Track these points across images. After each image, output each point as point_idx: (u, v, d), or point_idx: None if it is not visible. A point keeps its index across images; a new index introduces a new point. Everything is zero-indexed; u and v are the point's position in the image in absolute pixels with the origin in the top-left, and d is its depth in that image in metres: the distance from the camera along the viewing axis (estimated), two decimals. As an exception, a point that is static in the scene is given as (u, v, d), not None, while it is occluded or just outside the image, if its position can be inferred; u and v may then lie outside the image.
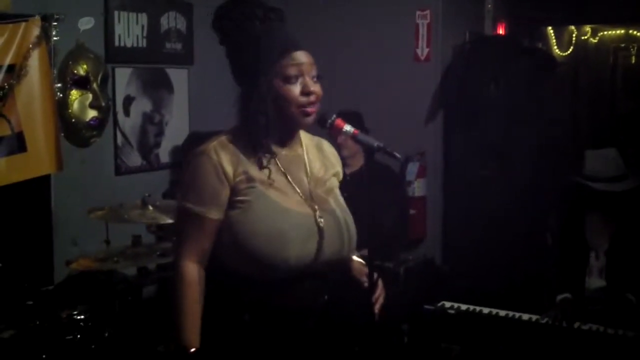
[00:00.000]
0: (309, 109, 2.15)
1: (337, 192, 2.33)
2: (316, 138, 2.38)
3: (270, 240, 2.09)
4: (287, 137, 2.24)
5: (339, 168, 2.40)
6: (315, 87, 2.15)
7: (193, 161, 2.16)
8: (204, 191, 2.12)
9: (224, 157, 2.13)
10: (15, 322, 3.21)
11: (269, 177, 2.16)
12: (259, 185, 2.14)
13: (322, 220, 2.18)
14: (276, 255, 2.09)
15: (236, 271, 2.14)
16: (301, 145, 2.29)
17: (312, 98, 2.14)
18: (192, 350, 2.10)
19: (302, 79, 2.14)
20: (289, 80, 2.12)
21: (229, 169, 2.13)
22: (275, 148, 2.20)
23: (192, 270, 2.14)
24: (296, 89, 2.13)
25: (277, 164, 2.20)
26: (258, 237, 2.09)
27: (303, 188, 2.22)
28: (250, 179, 2.13)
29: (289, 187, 2.20)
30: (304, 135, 2.31)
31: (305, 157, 2.28)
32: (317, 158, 2.32)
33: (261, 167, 2.16)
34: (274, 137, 2.19)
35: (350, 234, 2.26)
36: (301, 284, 2.17)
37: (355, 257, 2.37)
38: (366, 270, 2.32)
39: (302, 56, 2.14)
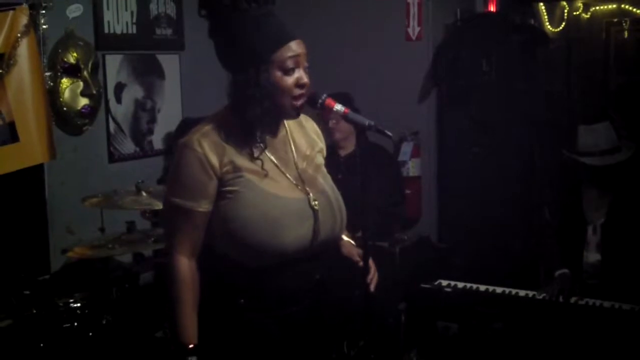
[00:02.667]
0: (299, 102, 2.14)
1: (324, 169, 2.33)
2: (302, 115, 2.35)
3: (263, 228, 2.08)
4: (274, 125, 2.22)
5: (322, 144, 2.39)
6: (307, 79, 2.15)
7: (177, 154, 2.14)
8: (191, 185, 2.10)
9: (208, 149, 2.10)
10: (12, 312, 3.21)
11: (262, 168, 2.14)
12: (247, 174, 2.12)
13: (316, 202, 2.18)
14: (270, 242, 2.09)
15: (230, 259, 2.14)
16: (284, 126, 2.27)
17: (305, 90, 2.14)
18: (191, 346, 2.11)
19: (298, 70, 2.12)
20: (286, 71, 2.10)
21: (215, 160, 2.10)
22: (266, 137, 2.19)
23: (185, 265, 2.13)
24: (291, 80, 2.11)
25: (265, 152, 2.19)
26: (250, 226, 2.08)
27: (292, 171, 2.21)
28: (237, 169, 2.11)
29: (278, 172, 2.18)
30: None
31: (290, 138, 2.27)
32: (301, 136, 2.31)
33: (253, 158, 2.14)
34: (265, 126, 2.17)
35: (342, 213, 2.27)
36: (296, 267, 2.17)
37: (344, 237, 2.37)
38: (357, 250, 2.32)
39: (298, 47, 2.12)
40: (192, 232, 2.13)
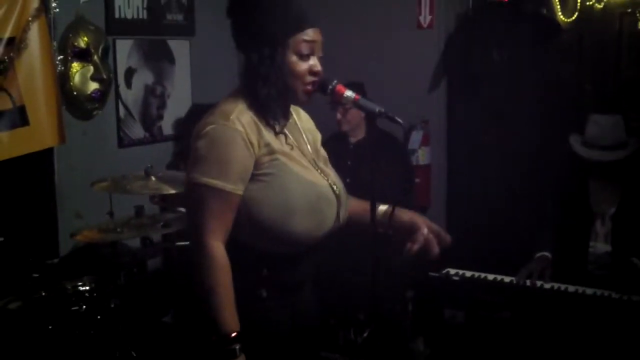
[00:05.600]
0: (310, 88, 2.14)
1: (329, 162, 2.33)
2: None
3: (293, 213, 2.06)
4: (286, 109, 2.22)
5: (318, 135, 2.38)
6: (320, 67, 2.14)
7: (213, 132, 2.04)
8: (232, 165, 2.02)
9: (249, 128, 2.05)
10: (21, 294, 3.23)
11: (286, 142, 2.13)
12: (281, 157, 2.10)
13: (335, 187, 2.19)
14: (299, 227, 2.07)
15: (252, 246, 2.10)
16: (291, 114, 2.28)
17: (317, 78, 2.14)
18: (234, 334, 2.02)
19: (313, 57, 2.12)
20: (301, 56, 2.10)
21: (255, 141, 2.05)
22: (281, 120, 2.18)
23: (221, 251, 2.02)
24: (306, 65, 2.11)
25: (286, 133, 2.18)
26: (281, 211, 2.05)
27: (309, 158, 2.21)
28: (272, 151, 2.08)
29: (302, 157, 2.18)
30: None
31: (299, 125, 2.28)
32: (305, 125, 2.32)
33: (276, 133, 2.12)
34: (278, 108, 2.16)
35: (347, 200, 2.27)
36: (312, 253, 2.18)
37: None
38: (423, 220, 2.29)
39: (316, 34, 2.12)
40: (226, 215, 2.04)
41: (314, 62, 2.12)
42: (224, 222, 2.04)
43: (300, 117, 2.33)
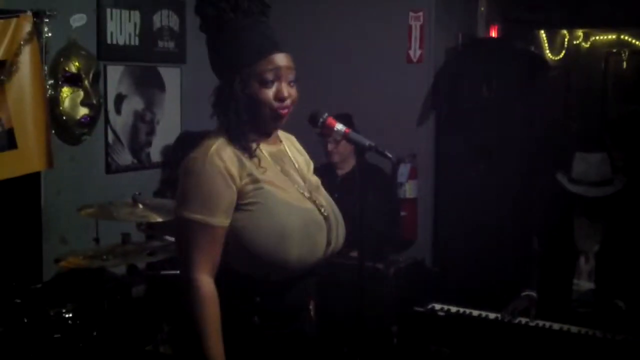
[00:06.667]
0: (282, 112, 2.13)
1: (322, 188, 2.32)
2: (286, 134, 2.35)
3: (286, 240, 2.06)
4: (266, 134, 2.21)
5: (310, 162, 2.39)
6: (291, 91, 2.13)
7: (195, 168, 2.06)
8: (214, 200, 2.04)
9: (229, 161, 2.06)
10: (3, 320, 3.19)
11: (270, 169, 2.13)
12: (266, 185, 2.10)
13: (323, 209, 2.18)
14: (292, 253, 2.07)
15: (245, 273, 2.10)
16: (281, 141, 2.28)
17: (287, 102, 2.13)
18: None
19: (278, 83, 2.11)
20: (264, 84, 2.09)
21: (235, 173, 2.06)
22: (261, 144, 2.17)
23: (208, 285, 2.05)
24: (270, 92, 2.11)
25: (269, 160, 2.18)
26: (274, 238, 2.05)
27: (298, 183, 2.21)
28: (255, 180, 2.09)
29: (288, 183, 2.18)
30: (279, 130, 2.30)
31: (289, 153, 2.28)
32: (297, 154, 2.32)
33: (251, 156, 2.11)
34: (255, 133, 2.16)
35: (342, 227, 2.26)
36: (305, 279, 2.18)
37: None
38: None
39: (280, 59, 2.11)
40: (212, 248, 2.06)
41: (279, 87, 2.11)
42: (210, 255, 2.06)
43: (292, 144, 2.33)
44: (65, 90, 4.03)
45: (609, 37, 8.68)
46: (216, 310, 2.05)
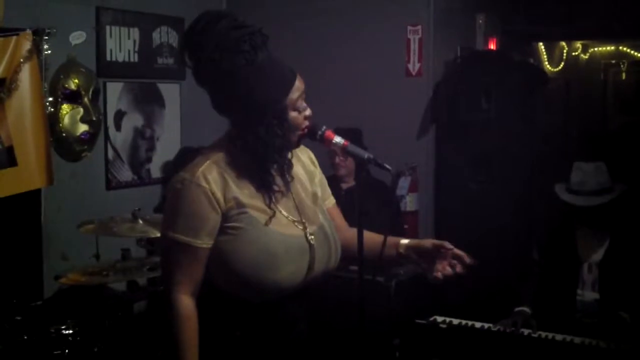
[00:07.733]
0: (303, 132, 2.15)
1: (321, 202, 2.31)
2: None
3: (264, 265, 2.06)
4: (284, 160, 2.20)
5: (320, 175, 2.38)
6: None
7: (181, 189, 2.06)
8: (196, 221, 2.04)
9: (214, 184, 2.06)
10: (3, 338, 3.18)
11: (265, 204, 2.12)
12: (251, 211, 2.09)
13: (312, 237, 2.17)
14: (269, 278, 2.07)
15: (227, 293, 2.11)
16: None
17: (308, 121, 2.16)
18: None
19: (305, 104, 2.14)
20: (298, 109, 2.11)
21: (220, 195, 2.06)
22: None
23: (186, 304, 2.06)
24: (302, 115, 2.13)
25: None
26: (252, 263, 2.06)
27: (290, 202, 2.20)
28: (240, 205, 2.08)
29: (277, 208, 2.16)
30: None
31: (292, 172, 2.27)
32: (299, 167, 2.30)
33: (255, 193, 2.11)
34: (280, 156, 2.16)
35: (337, 247, 2.25)
36: (290, 302, 2.17)
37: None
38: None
39: (300, 82, 2.12)
40: (193, 269, 2.07)
41: (305, 108, 2.14)
42: (191, 275, 2.08)
43: (300, 158, 2.32)
44: (65, 107, 4.04)
45: (608, 48, 8.70)
46: (194, 331, 2.08)
